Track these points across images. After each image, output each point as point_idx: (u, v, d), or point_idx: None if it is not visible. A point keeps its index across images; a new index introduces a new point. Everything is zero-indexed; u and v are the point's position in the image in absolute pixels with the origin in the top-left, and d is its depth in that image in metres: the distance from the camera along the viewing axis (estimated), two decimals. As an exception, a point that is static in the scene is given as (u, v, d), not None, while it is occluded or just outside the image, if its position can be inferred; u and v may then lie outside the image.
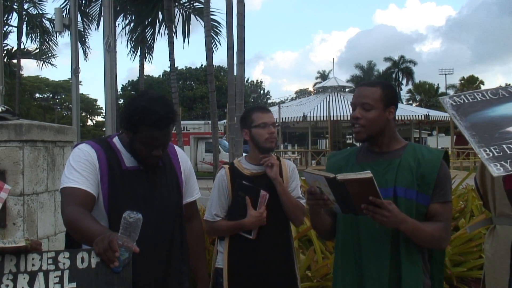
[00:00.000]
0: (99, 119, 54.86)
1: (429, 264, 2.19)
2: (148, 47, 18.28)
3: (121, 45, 29.85)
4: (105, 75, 8.87)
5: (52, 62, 26.66)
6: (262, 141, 2.79)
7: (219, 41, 16.11)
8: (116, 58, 13.94)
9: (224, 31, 13.90)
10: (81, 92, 25.78)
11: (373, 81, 2.32)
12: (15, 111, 4.39)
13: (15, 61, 27.56)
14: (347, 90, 41.41)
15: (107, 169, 2.11)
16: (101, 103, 53.10)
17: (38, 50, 25.39)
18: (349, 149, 2.42)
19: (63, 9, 13.31)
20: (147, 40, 18.05)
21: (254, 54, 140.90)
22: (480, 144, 2.19)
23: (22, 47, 25.59)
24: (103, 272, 1.69)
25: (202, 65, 49.54)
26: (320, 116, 33.76)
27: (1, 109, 3.77)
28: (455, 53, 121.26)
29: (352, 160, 2.29)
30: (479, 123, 2.30)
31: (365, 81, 2.47)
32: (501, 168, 2.07)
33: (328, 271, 4.10)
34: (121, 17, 17.96)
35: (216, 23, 15.63)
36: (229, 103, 9.88)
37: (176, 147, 2.41)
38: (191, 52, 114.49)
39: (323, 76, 59.80)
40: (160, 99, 2.09)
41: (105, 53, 8.82)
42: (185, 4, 17.49)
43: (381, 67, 58.07)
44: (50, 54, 25.54)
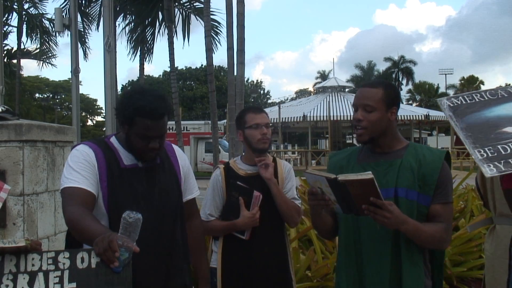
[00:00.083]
0: (99, 119, 54.87)
1: (430, 264, 2.19)
2: (148, 47, 18.28)
3: (121, 45, 29.84)
4: (105, 75, 8.88)
5: (52, 62, 26.71)
6: (254, 142, 2.78)
7: (219, 41, 16.14)
8: (116, 58, 13.94)
9: (224, 31, 13.90)
10: (81, 92, 25.81)
11: (374, 81, 2.29)
12: (15, 111, 4.39)
13: (15, 61, 27.58)
14: (347, 90, 41.43)
15: (106, 168, 2.12)
16: (101, 103, 53.09)
17: (38, 50, 25.42)
18: (350, 148, 2.40)
19: (63, 9, 13.32)
20: (147, 40, 18.06)
21: (254, 54, 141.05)
22: (474, 145, 2.18)
23: (22, 47, 25.63)
24: (103, 272, 1.69)
25: (202, 65, 49.52)
26: (320, 116, 33.76)
27: (1, 109, 3.77)
28: (455, 53, 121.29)
29: (353, 160, 2.28)
30: (475, 124, 2.30)
31: (367, 81, 2.44)
32: (494, 168, 2.08)
33: (328, 271, 4.10)
34: (121, 17, 17.98)
35: (216, 23, 15.66)
36: (229, 103, 9.89)
37: (174, 146, 2.42)
38: (191, 52, 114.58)
39: (323, 76, 59.76)
40: (153, 91, 2.14)
41: (105, 53, 8.84)
42: (185, 4, 17.51)
43: (381, 67, 58.08)
44: (50, 54, 25.57)
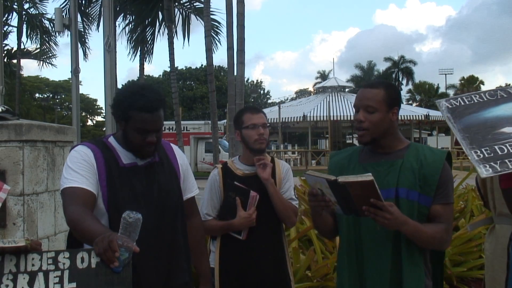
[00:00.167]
0: (99, 119, 54.85)
1: (431, 264, 2.18)
2: (148, 47, 18.28)
3: (121, 45, 29.80)
4: (105, 75, 8.89)
5: (52, 62, 26.70)
6: (251, 142, 2.78)
7: (219, 41, 16.13)
8: (116, 58, 13.95)
9: (224, 30, 13.90)
10: (81, 92, 25.82)
11: (375, 82, 2.28)
12: (15, 111, 4.39)
13: (15, 61, 27.56)
14: (347, 90, 41.44)
15: (105, 168, 2.12)
16: (101, 103, 53.06)
17: (38, 50, 25.41)
18: (351, 148, 2.40)
19: (63, 9, 13.33)
20: (147, 40, 18.05)
21: (254, 54, 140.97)
22: (471, 146, 2.19)
23: (22, 47, 25.62)
24: (103, 272, 1.69)
25: (202, 65, 49.51)
26: (320, 116, 33.77)
27: (1, 109, 3.77)
28: (455, 53, 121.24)
29: (354, 159, 2.27)
30: (473, 125, 2.30)
31: (368, 82, 2.42)
32: (490, 169, 2.08)
33: (328, 271, 4.10)
34: (121, 17, 17.98)
35: (216, 23, 15.66)
36: (229, 103, 9.89)
37: (172, 145, 2.43)
38: (191, 52, 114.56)
39: (323, 76, 59.74)
40: (147, 86, 2.16)
41: (105, 53, 8.85)
42: (185, 4, 17.51)
43: (381, 67, 58.03)
44: (50, 54, 25.57)
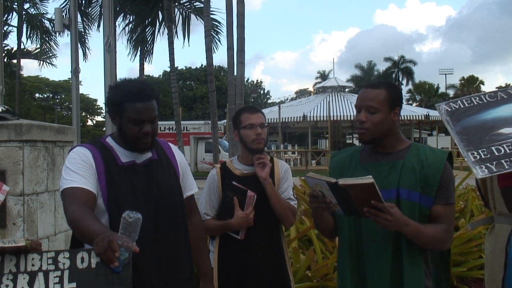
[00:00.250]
0: (99, 119, 54.83)
1: (432, 265, 2.18)
2: (148, 47, 18.29)
3: (121, 45, 29.84)
4: (105, 75, 8.89)
5: (52, 62, 26.68)
6: (249, 142, 2.78)
7: (219, 40, 16.12)
8: (116, 58, 13.94)
9: (224, 30, 13.89)
10: (81, 92, 25.81)
11: (377, 82, 2.27)
12: (15, 111, 4.39)
13: (15, 61, 27.55)
14: (347, 90, 41.46)
15: (104, 167, 2.13)
16: (101, 103, 53.00)
17: (38, 50, 25.41)
18: (352, 148, 2.39)
19: (63, 9, 13.33)
20: (147, 40, 18.06)
21: (254, 54, 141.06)
22: (468, 147, 2.20)
23: (22, 47, 25.61)
24: (103, 272, 1.69)
25: (202, 65, 49.52)
26: (320, 116, 33.78)
27: (1, 109, 3.77)
28: (455, 53, 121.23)
29: (355, 159, 2.27)
30: (471, 127, 2.31)
31: (369, 82, 2.42)
32: (486, 170, 2.10)
33: (328, 271, 4.09)
34: (121, 17, 17.99)
35: (216, 23, 15.65)
36: (229, 103, 9.89)
37: (170, 144, 2.45)
38: (191, 52, 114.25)
39: (323, 76, 59.73)
40: (137, 79, 2.24)
41: (105, 53, 8.85)
42: (185, 4, 17.51)
43: (381, 67, 58.00)
44: (50, 54, 25.56)
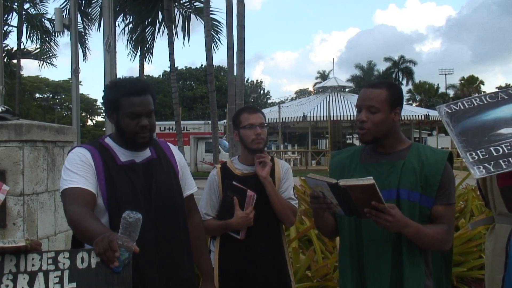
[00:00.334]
0: (99, 119, 54.81)
1: (432, 265, 2.18)
2: (148, 47, 18.28)
3: (121, 45, 29.91)
4: (105, 75, 8.88)
5: (52, 62, 26.67)
6: (249, 142, 2.78)
7: (219, 39, 16.09)
8: (116, 58, 13.94)
9: (224, 29, 13.88)
10: (81, 92, 25.82)
11: (378, 82, 2.27)
12: (15, 111, 4.39)
13: (15, 61, 27.54)
14: (347, 90, 41.45)
15: (103, 167, 2.14)
16: (101, 103, 52.82)
17: (38, 50, 25.39)
18: (352, 148, 2.39)
19: (63, 9, 13.33)
20: (147, 40, 18.05)
21: (254, 54, 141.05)
22: (467, 148, 2.22)
23: (22, 47, 25.60)
24: (103, 272, 1.69)
25: (202, 65, 49.51)
26: (320, 116, 33.77)
27: (1, 109, 3.77)
28: (455, 53, 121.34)
29: (356, 159, 2.27)
30: (470, 128, 2.33)
31: (370, 82, 2.42)
32: (483, 170, 2.11)
33: (328, 271, 4.09)
34: (121, 17, 17.97)
35: (216, 22, 15.64)
36: (229, 103, 9.89)
37: (168, 143, 2.46)
38: (191, 52, 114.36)
39: (323, 76, 59.72)
40: (131, 77, 2.28)
41: (105, 53, 8.84)
42: (185, 4, 17.50)
43: (381, 67, 57.98)
44: (50, 54, 25.55)
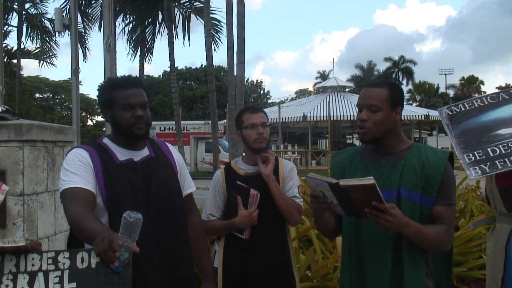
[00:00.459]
0: (99, 119, 54.74)
1: (433, 265, 2.18)
2: (148, 47, 18.25)
3: (121, 45, 29.94)
4: (105, 75, 8.88)
5: (52, 62, 26.65)
6: (251, 142, 2.79)
7: (220, 39, 16.04)
8: (116, 58, 13.94)
9: (224, 29, 13.87)
10: (81, 92, 25.81)
11: (379, 81, 2.27)
12: (15, 111, 4.38)
13: (15, 61, 27.53)
14: (347, 90, 41.47)
15: (101, 166, 2.15)
16: (101, 103, 52.74)
17: (38, 50, 25.38)
18: (353, 148, 2.39)
19: (63, 9, 13.32)
20: (147, 40, 18.03)
21: (254, 54, 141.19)
22: (464, 150, 2.23)
23: (22, 47, 25.58)
24: (103, 272, 1.69)
25: (202, 65, 49.51)
26: (320, 116, 33.77)
27: (1, 109, 3.77)
28: (455, 53, 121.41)
29: (356, 159, 2.27)
30: (469, 129, 2.34)
31: (371, 81, 2.44)
32: (479, 171, 2.13)
33: (328, 271, 4.09)
34: (121, 17, 17.95)
35: (216, 22, 15.62)
36: (229, 103, 9.88)
37: (166, 143, 2.47)
38: (191, 52, 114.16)
39: (323, 76, 59.74)
40: (123, 75, 2.35)
41: (105, 53, 8.84)
42: (185, 4, 17.48)
43: (381, 67, 58.09)
44: (50, 54, 25.54)
